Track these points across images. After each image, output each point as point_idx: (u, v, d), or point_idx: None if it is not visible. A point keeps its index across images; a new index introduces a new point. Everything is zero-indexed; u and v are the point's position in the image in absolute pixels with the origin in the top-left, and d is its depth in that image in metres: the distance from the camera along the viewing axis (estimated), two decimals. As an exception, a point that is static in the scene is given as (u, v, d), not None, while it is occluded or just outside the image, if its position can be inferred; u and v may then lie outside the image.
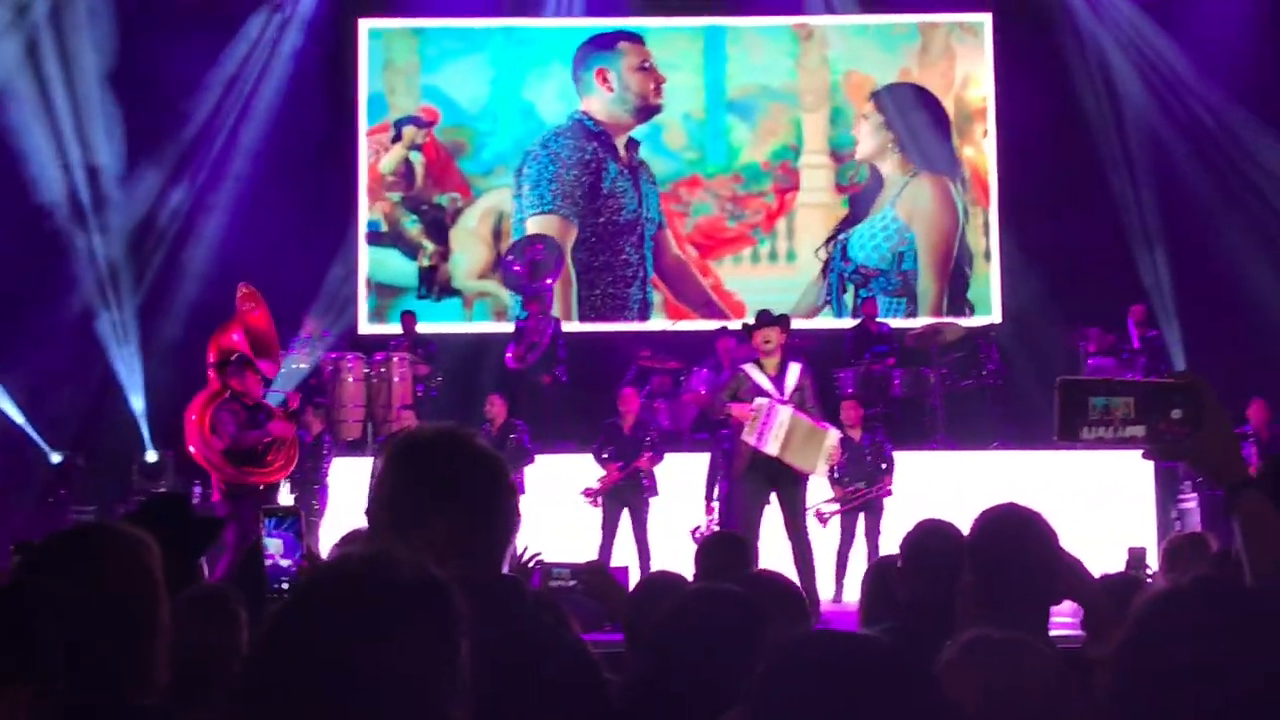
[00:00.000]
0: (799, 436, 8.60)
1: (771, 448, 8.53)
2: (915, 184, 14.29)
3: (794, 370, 8.87)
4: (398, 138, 14.22)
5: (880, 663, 1.72)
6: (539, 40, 14.34)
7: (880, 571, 4.18)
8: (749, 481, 8.73)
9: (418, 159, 14.23)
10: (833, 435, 8.81)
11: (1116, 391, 2.04)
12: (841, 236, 14.25)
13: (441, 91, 14.28)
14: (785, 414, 8.57)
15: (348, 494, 10.19)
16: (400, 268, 14.20)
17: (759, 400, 8.62)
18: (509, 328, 12.79)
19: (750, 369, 8.88)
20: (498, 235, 14.13)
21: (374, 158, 14.18)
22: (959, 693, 2.08)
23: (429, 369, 12.34)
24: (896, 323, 13.35)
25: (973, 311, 13.98)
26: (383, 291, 14.05)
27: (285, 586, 2.95)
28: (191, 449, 9.38)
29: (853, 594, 10.05)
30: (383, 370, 12.02)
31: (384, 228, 14.21)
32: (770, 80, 14.34)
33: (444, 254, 14.18)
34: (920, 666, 1.82)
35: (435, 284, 14.11)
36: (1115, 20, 13.85)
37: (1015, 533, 2.83)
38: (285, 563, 2.93)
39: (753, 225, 14.23)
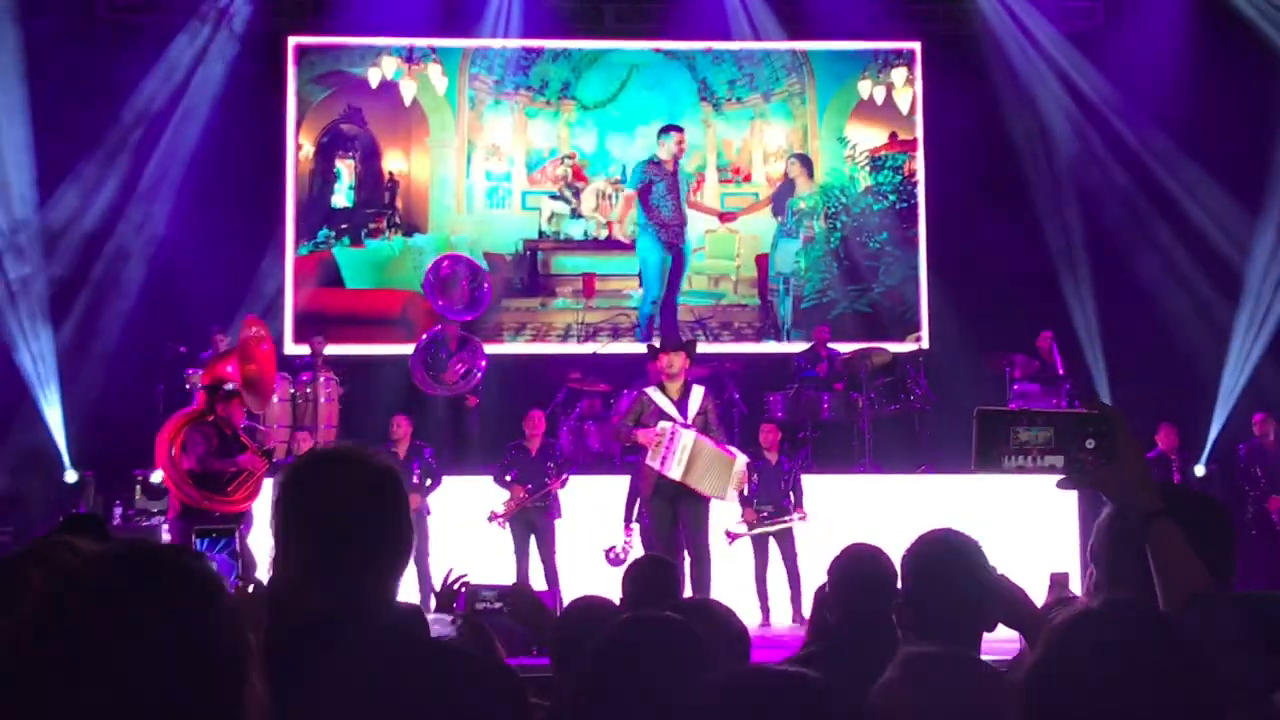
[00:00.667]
0: (703, 462, 8.69)
1: (674, 472, 8.64)
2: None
3: (696, 394, 8.97)
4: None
5: (812, 702, 1.71)
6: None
7: (819, 598, 4.19)
8: (655, 503, 8.84)
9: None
10: (740, 461, 8.89)
11: (1036, 422, 2.07)
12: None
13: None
14: (688, 438, 8.67)
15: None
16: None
17: (662, 424, 8.71)
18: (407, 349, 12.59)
19: (653, 393, 8.98)
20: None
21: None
22: (899, 707, 2.07)
23: (343, 390, 12.23)
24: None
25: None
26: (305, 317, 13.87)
27: None
28: (158, 464, 9.41)
29: (779, 618, 10.14)
30: (308, 390, 11.91)
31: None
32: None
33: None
34: (851, 704, 1.81)
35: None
36: (1042, 49, 14.04)
37: (947, 557, 2.84)
38: None
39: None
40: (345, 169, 14.23)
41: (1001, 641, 2.99)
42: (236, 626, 1.44)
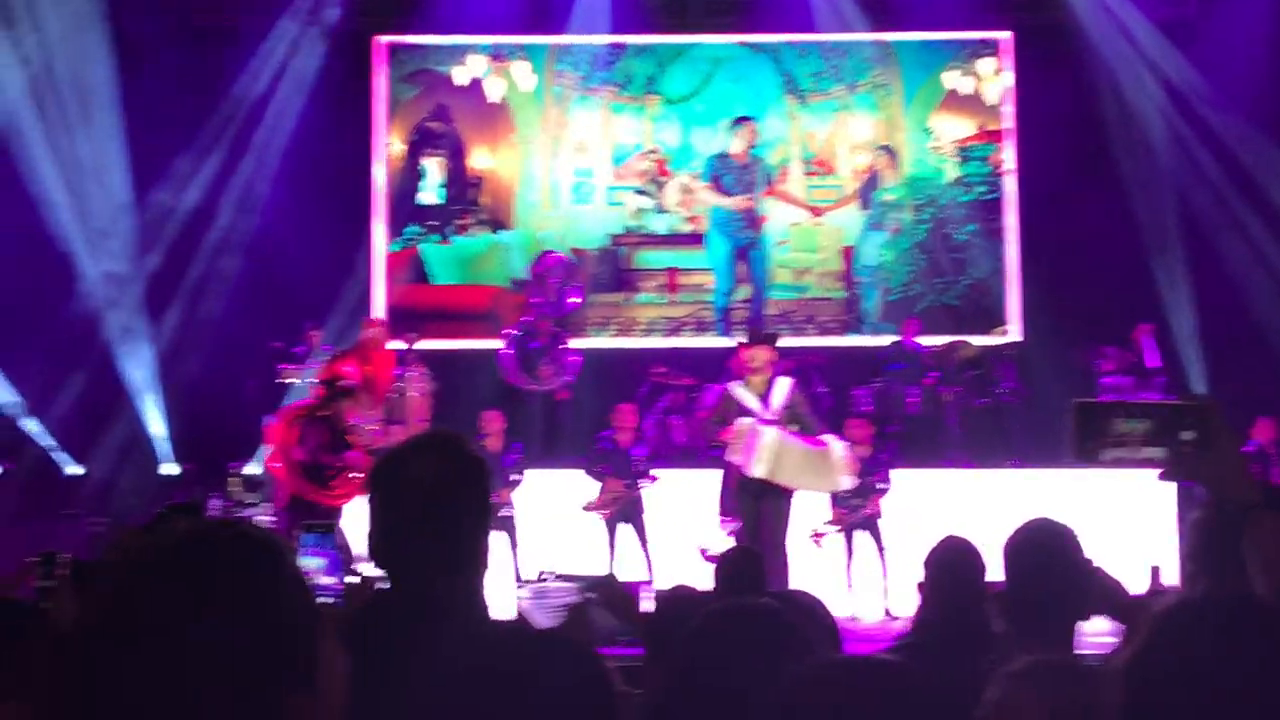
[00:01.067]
0: (792, 458, 8.44)
1: (757, 470, 8.38)
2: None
3: (782, 387, 8.69)
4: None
5: (903, 689, 1.72)
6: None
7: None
8: (739, 500, 8.64)
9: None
10: (836, 447, 8.63)
11: (1134, 414, 2.06)
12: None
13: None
14: (770, 435, 8.39)
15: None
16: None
17: (742, 421, 8.47)
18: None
19: (736, 388, 8.74)
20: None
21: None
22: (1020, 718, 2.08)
23: (435, 385, 12.31)
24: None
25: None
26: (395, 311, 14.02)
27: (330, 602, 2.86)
28: (269, 454, 9.58)
29: (867, 612, 10.09)
30: (399, 385, 12.02)
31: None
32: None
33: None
34: (944, 692, 1.81)
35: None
36: (1134, 37, 13.81)
37: (1047, 546, 2.82)
38: (328, 580, 2.84)
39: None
40: (433, 166, 14.37)
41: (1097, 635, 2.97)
42: (304, 590, 1.47)
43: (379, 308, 13.87)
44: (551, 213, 14.32)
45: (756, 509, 8.60)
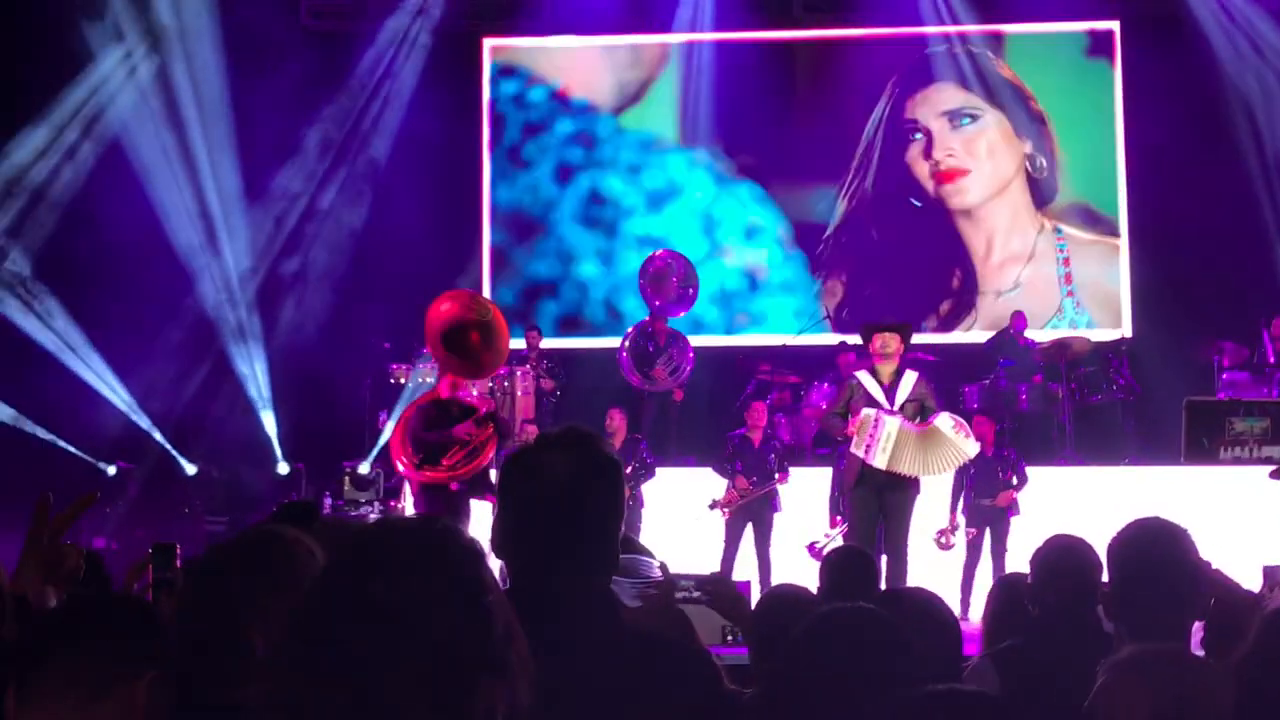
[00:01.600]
0: (911, 447, 8.36)
1: (879, 460, 8.34)
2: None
3: (909, 379, 8.63)
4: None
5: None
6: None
7: (1008, 588, 4.13)
8: (859, 493, 8.57)
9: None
10: (942, 420, 8.45)
11: (1252, 413, 2.02)
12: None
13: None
14: (893, 425, 8.34)
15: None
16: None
17: (866, 411, 8.41)
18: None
19: (863, 377, 8.69)
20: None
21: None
22: (1127, 708, 2.05)
23: (553, 384, 12.38)
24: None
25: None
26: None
27: None
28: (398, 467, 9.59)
29: (979, 612, 9.96)
30: (506, 384, 12.11)
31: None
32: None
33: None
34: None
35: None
36: (1245, 26, 13.48)
37: (1158, 545, 2.78)
38: None
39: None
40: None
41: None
42: (497, 582, 1.53)
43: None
44: (658, 213, 14.41)
45: (879, 503, 8.54)
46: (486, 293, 14.00)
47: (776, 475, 10.21)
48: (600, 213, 14.41)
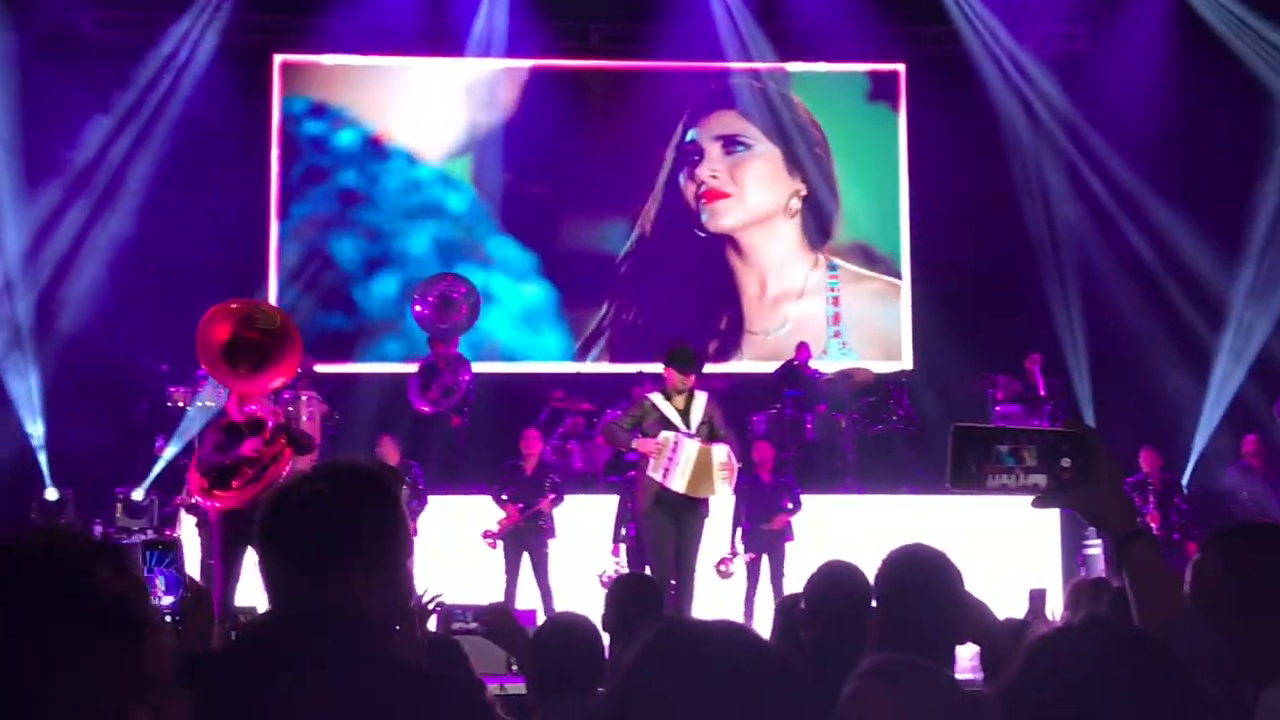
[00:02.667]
0: (701, 469, 8.33)
1: (678, 484, 8.26)
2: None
3: (700, 400, 8.56)
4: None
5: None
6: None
7: (785, 611, 4.18)
8: (654, 517, 8.44)
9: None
10: (718, 450, 8.38)
11: (1019, 440, 2.04)
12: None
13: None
14: (692, 449, 8.27)
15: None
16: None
17: (665, 434, 8.32)
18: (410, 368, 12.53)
19: (657, 399, 8.55)
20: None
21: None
22: (870, 712, 2.06)
23: (327, 408, 12.07)
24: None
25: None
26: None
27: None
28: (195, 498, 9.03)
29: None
30: (290, 410, 11.77)
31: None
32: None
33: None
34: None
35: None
36: (1025, 72, 14.09)
37: (922, 571, 2.83)
38: (167, 600, 2.77)
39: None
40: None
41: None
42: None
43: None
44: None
45: (675, 527, 8.45)
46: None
47: (543, 498, 10.13)
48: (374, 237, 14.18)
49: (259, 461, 8.46)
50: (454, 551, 10.09)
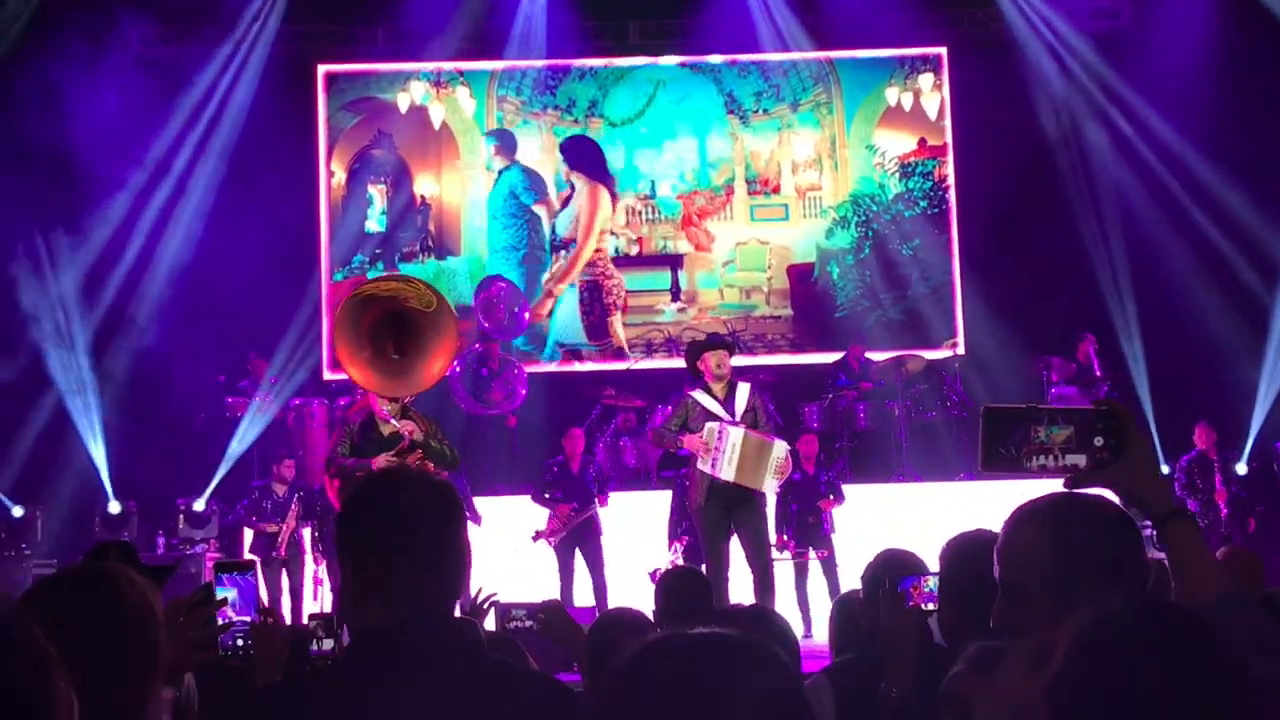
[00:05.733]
0: (751, 456, 8.22)
1: (727, 473, 8.17)
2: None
3: (743, 390, 8.51)
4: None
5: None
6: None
7: (844, 605, 4.17)
8: (708, 512, 8.36)
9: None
10: (779, 446, 8.31)
11: (1055, 421, 2.02)
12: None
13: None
14: (737, 435, 8.20)
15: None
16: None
17: (709, 425, 8.25)
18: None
19: (698, 394, 8.49)
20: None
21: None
22: (972, 695, 2.07)
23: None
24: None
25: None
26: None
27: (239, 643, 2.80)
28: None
29: (819, 629, 10.07)
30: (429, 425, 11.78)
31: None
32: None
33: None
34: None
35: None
36: (1070, 49, 13.97)
37: (984, 554, 2.82)
38: (238, 617, 2.78)
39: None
40: (377, 194, 14.32)
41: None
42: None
43: (325, 337, 13.77)
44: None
45: (729, 522, 8.38)
46: (325, 320, 13.77)
47: (596, 499, 10.17)
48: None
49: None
50: (507, 551, 10.15)
